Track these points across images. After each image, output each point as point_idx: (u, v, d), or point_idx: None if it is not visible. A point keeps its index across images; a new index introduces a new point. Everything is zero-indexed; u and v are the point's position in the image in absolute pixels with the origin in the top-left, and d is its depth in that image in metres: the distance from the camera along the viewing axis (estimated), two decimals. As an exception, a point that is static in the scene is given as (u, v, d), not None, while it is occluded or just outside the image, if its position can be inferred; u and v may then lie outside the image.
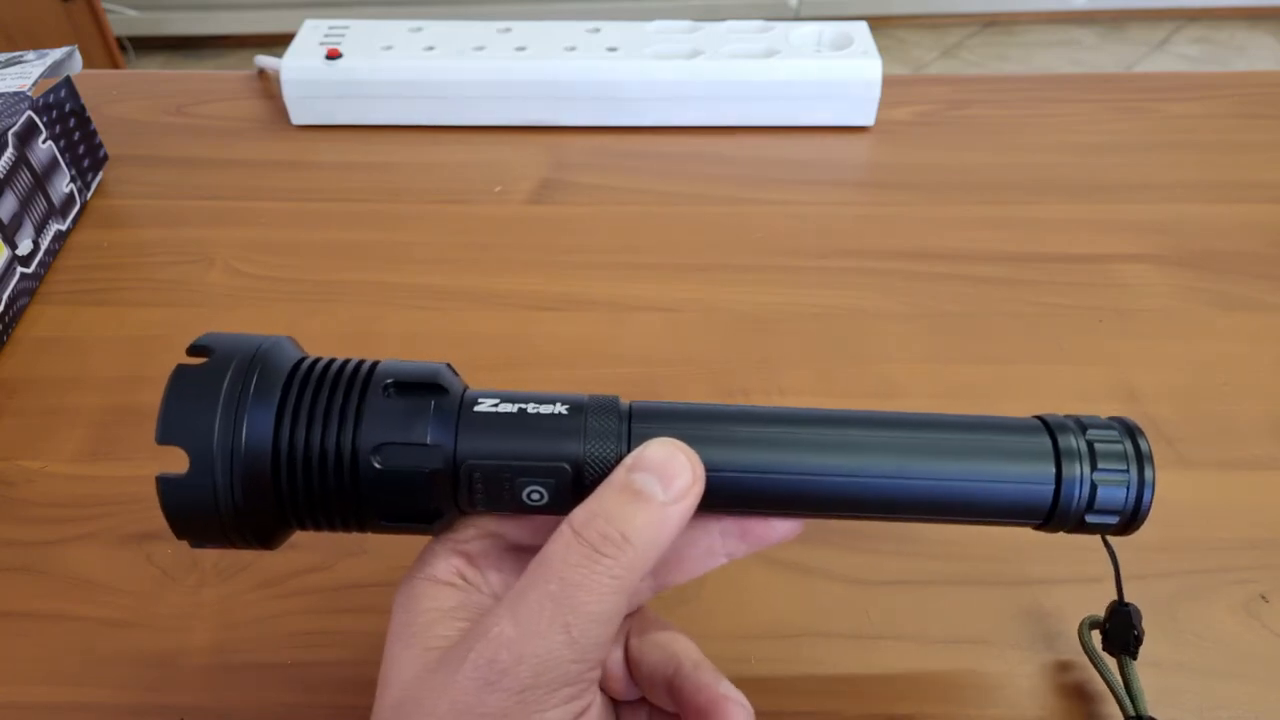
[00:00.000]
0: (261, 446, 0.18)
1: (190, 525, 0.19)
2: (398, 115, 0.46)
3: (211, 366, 0.19)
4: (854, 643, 0.26)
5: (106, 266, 0.39)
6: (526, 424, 0.19)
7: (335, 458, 0.18)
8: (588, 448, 0.19)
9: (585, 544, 0.17)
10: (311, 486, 0.19)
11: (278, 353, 0.19)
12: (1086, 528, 0.20)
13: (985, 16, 1.81)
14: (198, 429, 0.18)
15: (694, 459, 0.19)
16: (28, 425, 0.32)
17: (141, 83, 0.51)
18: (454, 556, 0.20)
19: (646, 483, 0.18)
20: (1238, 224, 0.40)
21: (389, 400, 0.19)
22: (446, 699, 0.17)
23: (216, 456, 0.18)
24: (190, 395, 0.18)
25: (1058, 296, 0.37)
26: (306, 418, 0.18)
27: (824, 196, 0.43)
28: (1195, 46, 1.73)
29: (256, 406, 0.18)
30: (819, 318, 0.37)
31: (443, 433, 0.19)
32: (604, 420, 0.19)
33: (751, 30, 0.47)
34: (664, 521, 0.18)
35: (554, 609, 0.17)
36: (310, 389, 0.19)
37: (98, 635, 0.27)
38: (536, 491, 0.19)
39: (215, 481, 0.18)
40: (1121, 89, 0.49)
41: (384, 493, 0.19)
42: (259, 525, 0.19)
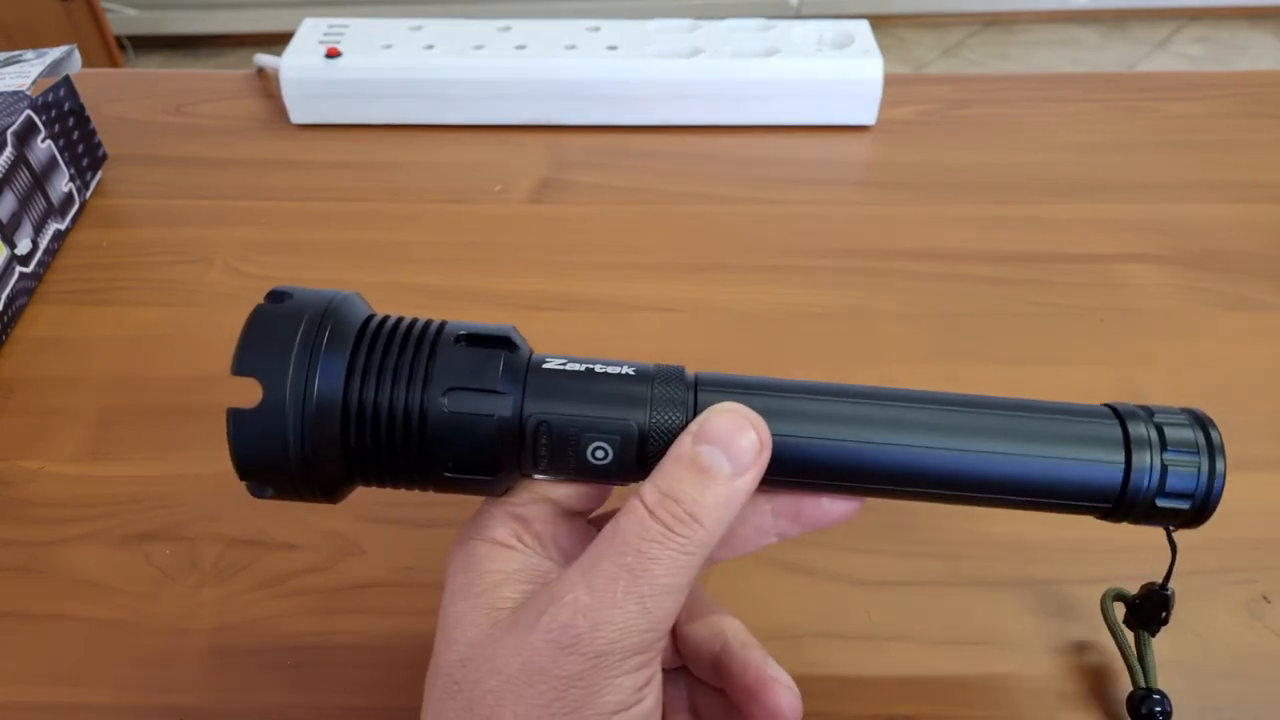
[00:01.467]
0: (333, 391, 0.18)
1: (254, 462, 0.18)
2: (397, 114, 0.46)
3: (289, 310, 0.19)
4: (855, 643, 0.26)
5: (105, 266, 0.39)
6: (595, 381, 0.19)
7: (405, 403, 0.18)
8: (654, 408, 0.19)
9: (658, 521, 0.18)
10: (379, 431, 0.19)
11: (350, 306, 0.20)
12: (1156, 514, 0.19)
13: (986, 15, 1.80)
14: (273, 365, 0.18)
15: (760, 426, 0.19)
16: (27, 425, 0.32)
17: (141, 82, 0.51)
18: (511, 520, 0.20)
19: (714, 458, 0.18)
20: (1239, 224, 0.40)
21: (460, 350, 0.19)
22: (519, 659, 0.17)
23: (289, 392, 0.18)
24: (268, 334, 0.18)
25: (1059, 296, 0.37)
26: (379, 366, 0.19)
27: (825, 196, 0.42)
28: (1197, 46, 1.73)
29: (331, 351, 0.18)
30: (819, 317, 0.36)
31: (512, 384, 0.19)
32: (670, 387, 0.19)
33: (752, 29, 0.47)
34: (732, 496, 0.18)
35: (630, 580, 0.17)
36: (382, 341, 0.19)
37: (97, 635, 0.27)
38: (601, 449, 0.19)
39: (286, 417, 0.18)
40: (1123, 88, 0.49)
41: (451, 438, 0.19)
42: (325, 472, 0.19)
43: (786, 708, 0.20)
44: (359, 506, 0.30)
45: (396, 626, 0.27)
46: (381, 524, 0.29)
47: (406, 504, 0.30)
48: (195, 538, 0.29)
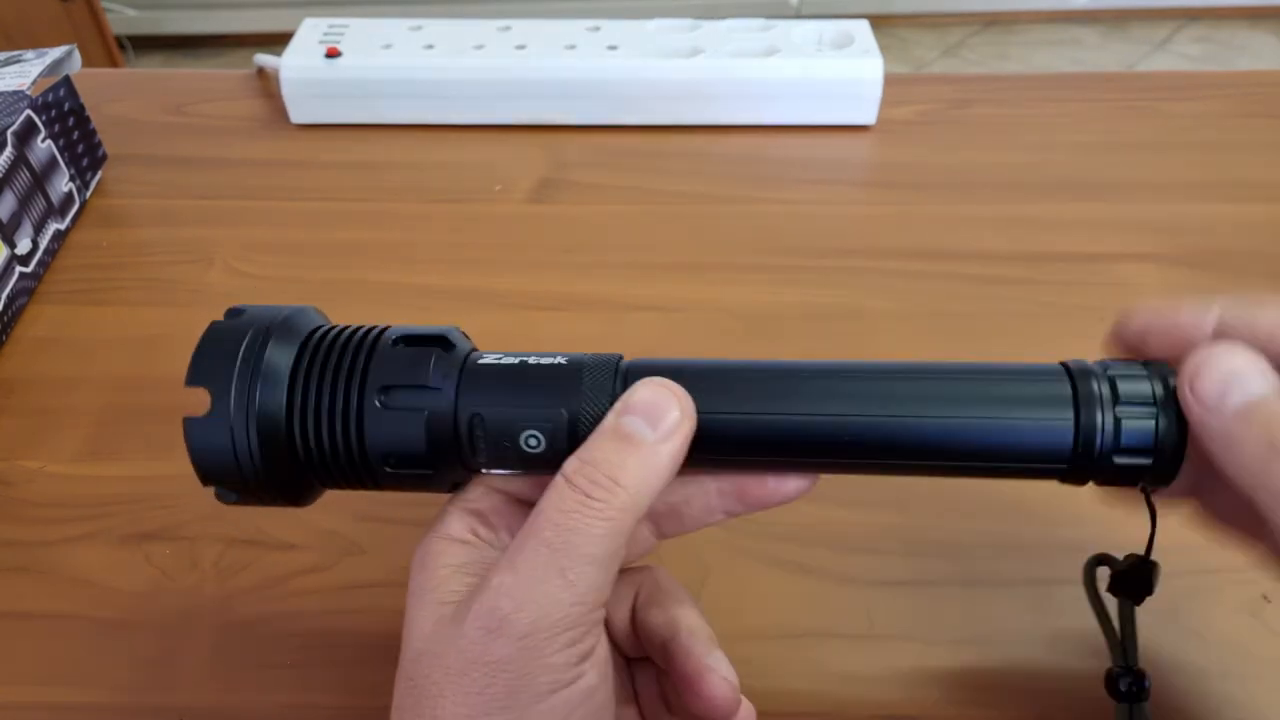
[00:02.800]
0: (276, 397, 0.19)
1: (211, 468, 0.19)
2: (397, 114, 0.46)
3: (238, 325, 0.20)
4: (854, 643, 0.26)
5: (105, 266, 0.39)
6: (526, 374, 0.20)
7: (344, 404, 0.19)
8: (583, 395, 0.19)
9: (577, 490, 0.18)
10: (321, 434, 0.19)
11: (300, 317, 0.21)
12: (1119, 473, 0.19)
13: (987, 15, 1.80)
14: (219, 376, 0.19)
15: (681, 395, 0.19)
16: (27, 425, 0.32)
17: (140, 82, 0.51)
18: (467, 515, 0.20)
19: (634, 424, 0.18)
20: (1239, 223, 0.40)
21: (396, 350, 0.20)
22: (455, 649, 0.18)
23: (233, 400, 0.19)
24: (217, 347, 0.20)
25: (1059, 296, 0.37)
26: (319, 372, 0.20)
27: (825, 196, 0.42)
28: (1197, 46, 1.73)
29: (273, 360, 0.19)
30: (819, 317, 0.36)
31: (445, 380, 0.19)
32: (600, 372, 0.19)
33: (752, 28, 0.47)
34: (655, 461, 0.18)
35: (549, 554, 0.17)
36: (324, 348, 0.20)
37: (97, 635, 0.27)
38: (534, 437, 0.19)
39: (232, 425, 0.19)
40: (1123, 88, 0.49)
41: (387, 436, 0.19)
42: (278, 476, 0.20)
43: (720, 697, 0.20)
44: (359, 506, 0.30)
45: (396, 626, 0.27)
46: (381, 524, 0.29)
47: (407, 504, 0.30)
48: (195, 538, 0.29)
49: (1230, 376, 0.17)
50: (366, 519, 0.29)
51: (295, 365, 0.20)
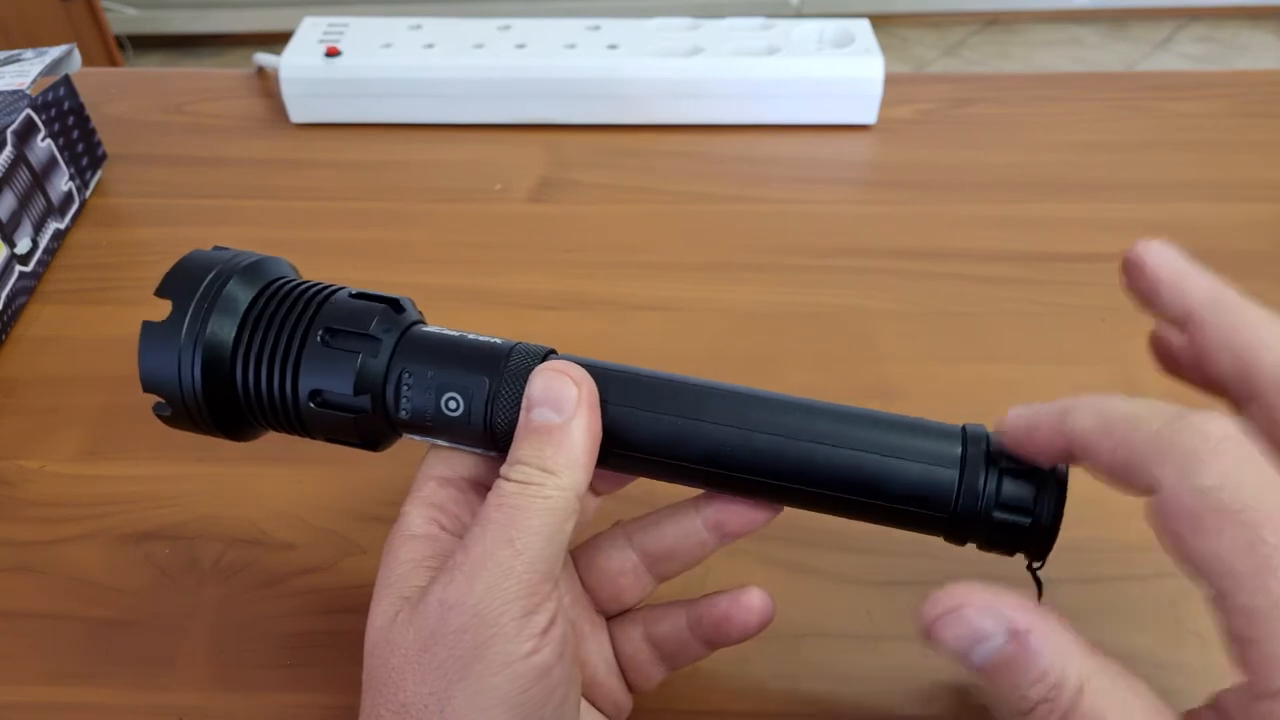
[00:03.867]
0: (228, 323, 0.21)
1: (154, 374, 0.21)
2: (397, 113, 0.46)
3: (214, 256, 0.22)
4: (854, 643, 0.26)
5: (105, 265, 0.39)
6: (460, 345, 0.21)
7: (288, 339, 0.21)
8: (506, 373, 0.20)
9: (514, 482, 0.19)
10: (262, 365, 0.21)
11: (270, 264, 0.22)
12: (997, 531, 0.19)
13: (987, 15, 1.80)
14: (184, 292, 0.21)
15: (575, 371, 0.20)
16: (26, 425, 0.32)
17: (140, 81, 0.51)
18: (426, 509, 0.21)
19: (542, 415, 0.19)
20: (1240, 223, 0.40)
21: (348, 302, 0.21)
22: (411, 632, 0.18)
23: (189, 316, 0.21)
24: (191, 268, 0.22)
25: (1060, 295, 0.37)
26: (272, 311, 0.21)
27: (825, 195, 0.42)
28: (1198, 45, 1.73)
29: (234, 291, 0.21)
30: (819, 317, 0.36)
31: (387, 335, 0.21)
32: (528, 357, 0.21)
33: (753, 27, 0.47)
34: (571, 438, 0.19)
35: (496, 530, 0.18)
36: (283, 293, 0.22)
37: (96, 635, 0.27)
38: (454, 399, 0.21)
39: (182, 338, 0.21)
40: (1124, 88, 0.49)
41: (318, 371, 0.21)
42: (213, 396, 0.21)
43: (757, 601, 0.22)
44: (359, 506, 0.30)
45: (396, 626, 0.27)
46: (382, 524, 0.29)
47: (406, 504, 0.30)
48: (195, 538, 0.29)
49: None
50: (366, 519, 0.29)
51: (251, 304, 0.21)
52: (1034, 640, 0.16)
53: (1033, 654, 0.16)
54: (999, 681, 0.16)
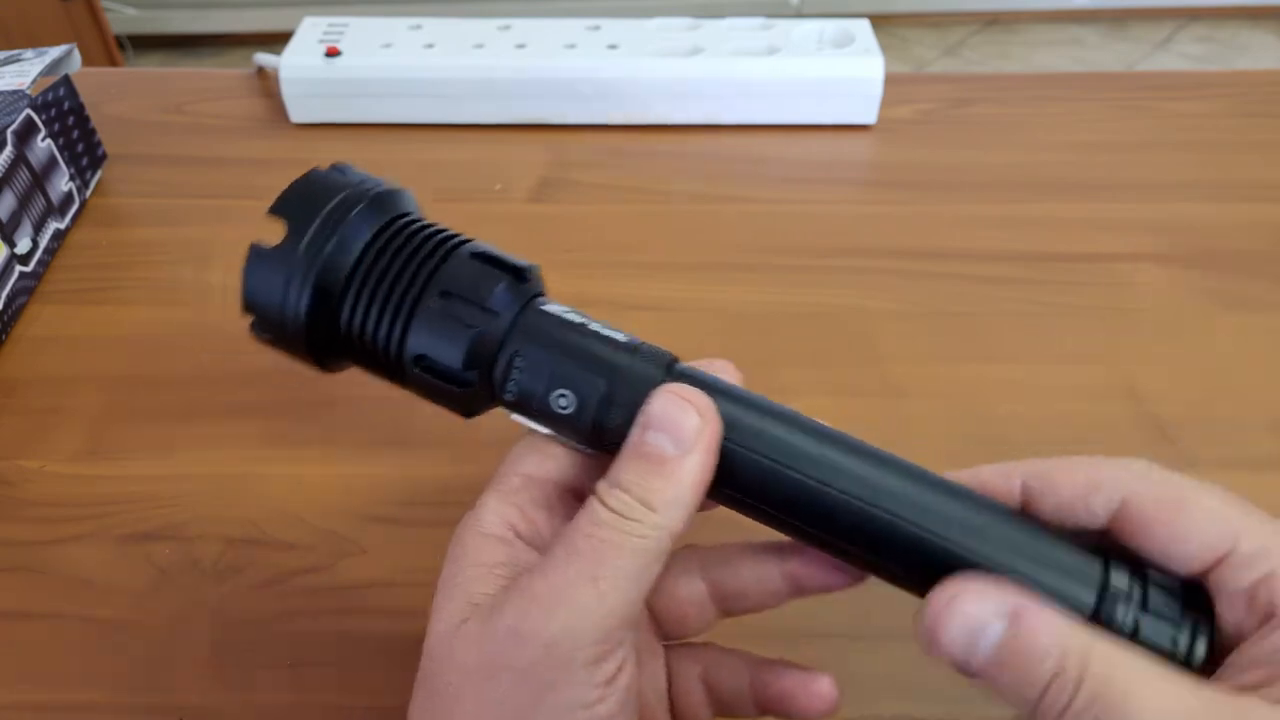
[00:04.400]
0: (345, 257, 0.19)
1: (257, 299, 0.20)
2: (397, 113, 0.46)
3: (339, 179, 0.21)
4: (855, 643, 0.26)
5: (105, 265, 0.39)
6: (580, 336, 0.20)
7: (403, 291, 0.19)
8: (625, 376, 0.19)
9: (610, 510, 0.18)
10: (371, 310, 0.20)
11: (394, 197, 0.21)
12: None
13: (987, 15, 1.80)
14: (303, 216, 0.20)
15: (701, 402, 0.18)
16: (26, 425, 0.32)
17: (140, 81, 0.51)
18: (505, 507, 0.19)
19: (657, 441, 0.18)
20: (1241, 223, 0.40)
21: (471, 263, 0.20)
22: (476, 651, 0.17)
23: (306, 242, 0.19)
24: (311, 190, 0.20)
25: (1060, 296, 0.37)
26: (393, 252, 0.20)
27: (825, 195, 0.42)
28: (1198, 45, 1.73)
29: (358, 223, 0.20)
30: (819, 317, 0.36)
31: (506, 310, 0.19)
32: (648, 363, 0.19)
33: (752, 27, 0.47)
34: (682, 476, 0.18)
35: (581, 563, 0.17)
36: (406, 233, 0.20)
37: (96, 635, 0.27)
38: (564, 397, 0.19)
39: (294, 264, 0.19)
40: (1124, 88, 0.49)
41: (429, 337, 0.19)
42: (315, 331, 0.20)
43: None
44: (359, 506, 0.30)
45: (396, 626, 0.27)
46: (381, 524, 0.29)
47: (407, 504, 0.30)
48: (195, 538, 0.29)
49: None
50: (366, 519, 0.29)
51: (373, 238, 0.20)
52: (1031, 617, 0.16)
53: (1034, 631, 0.16)
54: (1007, 672, 0.16)
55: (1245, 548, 0.17)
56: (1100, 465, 0.18)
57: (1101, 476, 0.18)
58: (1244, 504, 0.17)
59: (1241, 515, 0.17)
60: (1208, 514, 0.17)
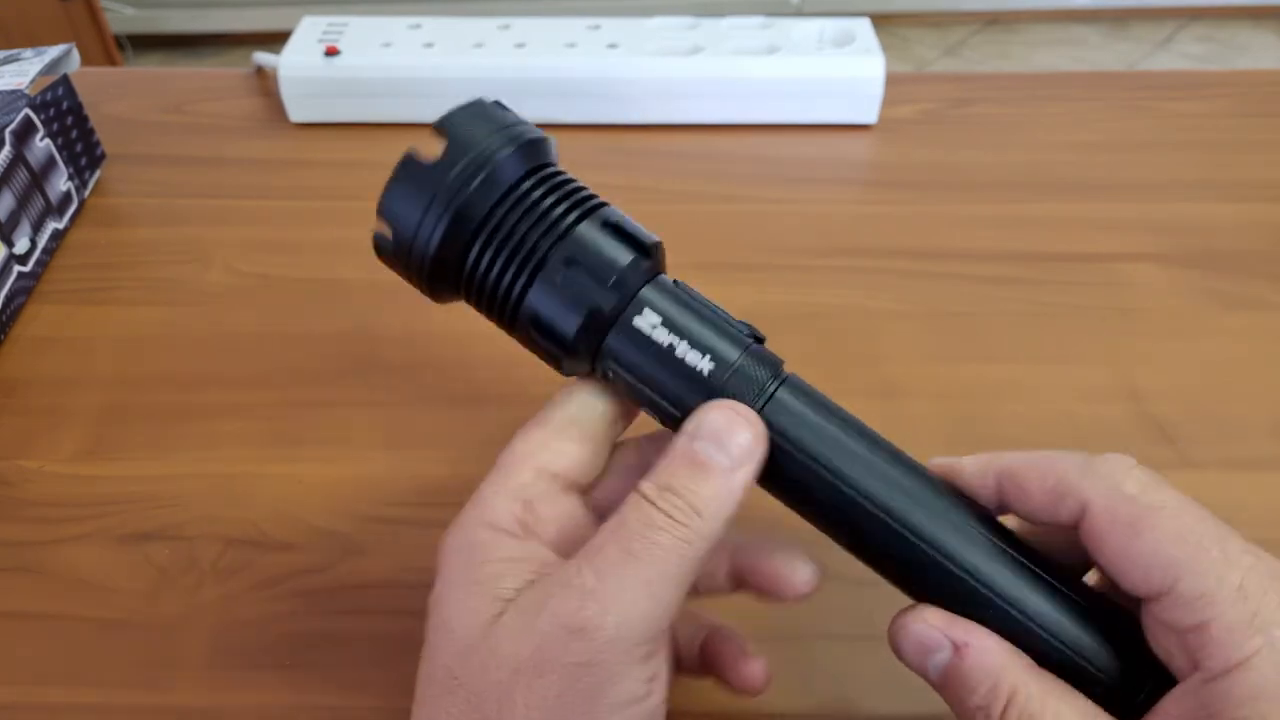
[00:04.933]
0: (488, 195, 0.20)
1: (394, 206, 0.20)
2: (397, 113, 0.46)
3: (504, 113, 0.21)
4: (855, 643, 0.26)
5: (104, 265, 0.39)
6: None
7: (532, 247, 0.20)
8: (738, 372, 0.20)
9: (660, 512, 0.18)
10: (498, 256, 0.20)
11: (544, 146, 0.21)
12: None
13: (988, 14, 1.80)
14: (470, 135, 0.20)
15: (753, 420, 0.19)
16: (25, 425, 0.32)
17: (139, 81, 0.50)
18: (513, 502, 0.20)
19: (709, 451, 0.19)
20: (1241, 223, 0.40)
21: (599, 235, 0.20)
22: (528, 647, 0.17)
23: (457, 170, 0.20)
24: (481, 116, 0.20)
25: (1060, 296, 0.37)
26: (532, 203, 0.20)
27: (826, 194, 0.42)
28: (1198, 45, 1.73)
29: (510, 161, 0.20)
30: (820, 317, 0.36)
31: (626, 286, 0.20)
32: (759, 364, 0.20)
33: (753, 26, 0.47)
34: (729, 489, 0.18)
35: (637, 566, 0.17)
36: (548, 185, 0.20)
37: (95, 635, 0.27)
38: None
39: (440, 190, 0.20)
40: (1124, 87, 0.49)
41: (546, 302, 0.20)
42: (441, 260, 0.20)
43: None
44: (359, 506, 0.30)
45: (396, 627, 0.27)
46: (381, 524, 0.29)
47: (406, 504, 0.30)
48: (195, 538, 0.29)
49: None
50: (366, 519, 0.29)
51: (514, 185, 0.20)
52: (971, 654, 0.18)
53: (970, 665, 0.18)
54: (948, 691, 0.18)
55: (1184, 589, 0.16)
56: (1069, 470, 0.18)
57: (1068, 484, 0.18)
58: (1204, 534, 0.17)
59: (1193, 551, 0.16)
60: (1156, 545, 0.17)
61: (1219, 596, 0.16)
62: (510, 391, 0.33)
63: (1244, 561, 0.16)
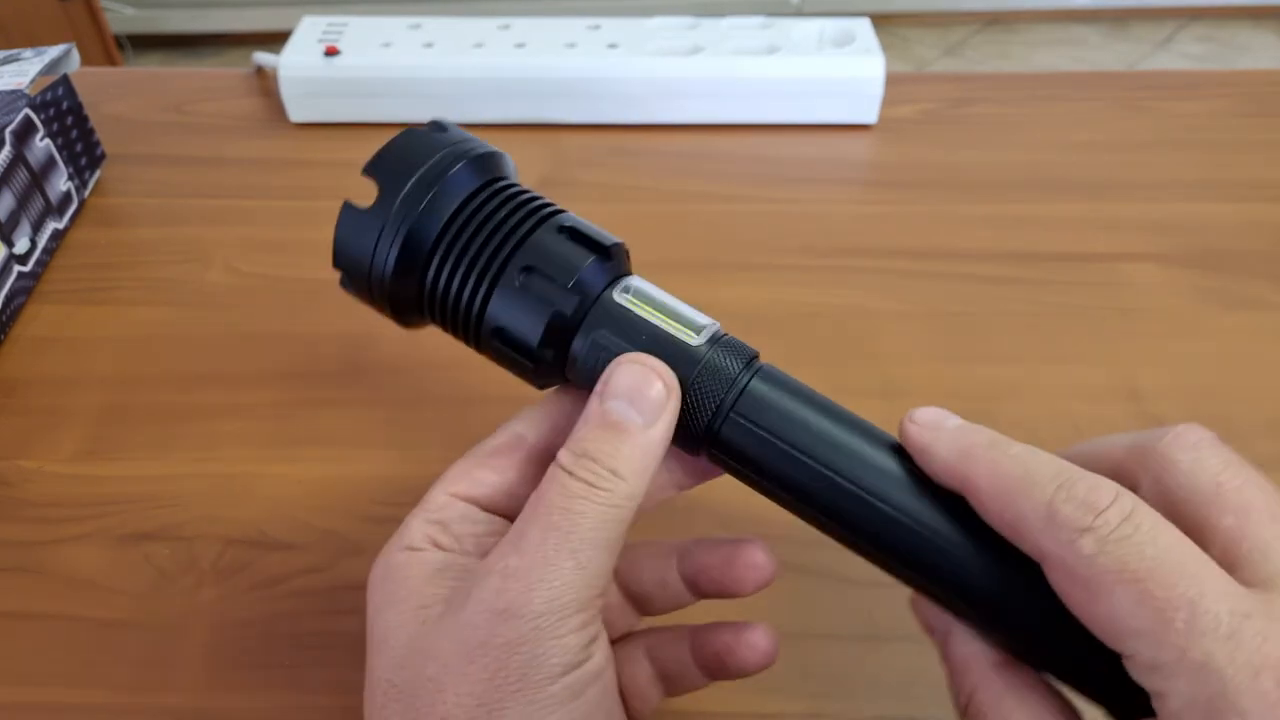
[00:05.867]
0: (436, 218, 0.20)
1: (346, 255, 0.20)
2: (397, 113, 0.46)
3: (435, 139, 0.21)
4: (855, 643, 0.26)
5: (104, 265, 0.39)
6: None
7: (486, 261, 0.20)
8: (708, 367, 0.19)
9: (579, 480, 0.18)
10: (454, 278, 0.20)
11: (492, 160, 0.21)
12: None
13: (988, 14, 1.80)
14: (395, 178, 0.20)
15: (663, 371, 0.19)
16: (24, 425, 0.32)
17: (139, 81, 0.50)
18: (428, 526, 0.20)
19: (622, 411, 0.18)
20: (1241, 223, 0.40)
21: (558, 238, 0.20)
22: (454, 639, 0.17)
23: (397, 206, 0.20)
24: (408, 150, 0.20)
25: (1060, 295, 0.37)
26: (483, 218, 0.20)
27: (825, 195, 0.42)
28: (1199, 45, 1.73)
29: (453, 182, 0.20)
30: (820, 317, 0.36)
31: (586, 289, 0.20)
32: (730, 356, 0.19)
33: (753, 26, 0.47)
34: (648, 447, 0.18)
35: (559, 538, 0.17)
36: (498, 199, 0.20)
37: (94, 636, 0.27)
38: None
39: (385, 225, 0.19)
40: (1125, 87, 0.49)
41: (507, 312, 0.20)
42: (399, 290, 0.20)
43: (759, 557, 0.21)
44: (359, 506, 0.30)
45: (396, 627, 0.27)
46: (381, 524, 0.29)
47: (406, 504, 0.30)
48: (194, 538, 0.29)
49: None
50: (366, 519, 0.29)
51: (464, 203, 0.20)
52: (949, 643, 0.19)
53: (947, 655, 0.19)
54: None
55: (1142, 660, 0.15)
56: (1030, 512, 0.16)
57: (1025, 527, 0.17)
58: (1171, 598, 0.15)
59: (1153, 622, 0.15)
60: (1112, 612, 0.15)
61: (1178, 672, 0.15)
62: (510, 392, 0.33)
63: (1219, 630, 0.14)
